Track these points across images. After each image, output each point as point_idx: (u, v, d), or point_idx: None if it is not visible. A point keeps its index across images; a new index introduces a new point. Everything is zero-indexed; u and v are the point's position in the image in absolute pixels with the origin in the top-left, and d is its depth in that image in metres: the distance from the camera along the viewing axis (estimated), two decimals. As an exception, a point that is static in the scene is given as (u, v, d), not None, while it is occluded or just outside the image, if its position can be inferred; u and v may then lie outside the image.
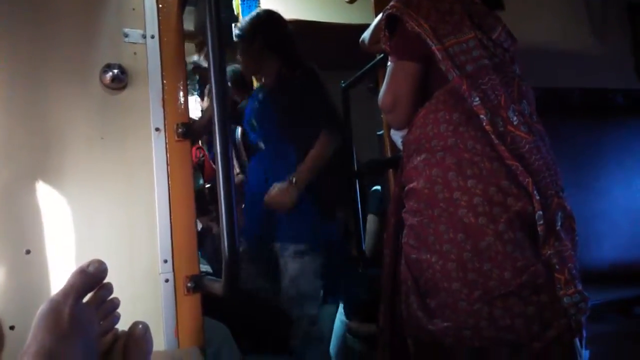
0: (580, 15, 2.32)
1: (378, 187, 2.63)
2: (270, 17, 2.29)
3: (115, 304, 0.72)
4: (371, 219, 2.56)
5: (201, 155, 3.93)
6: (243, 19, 2.29)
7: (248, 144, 2.71)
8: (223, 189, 1.04)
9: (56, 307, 0.60)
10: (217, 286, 1.15)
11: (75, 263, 1.25)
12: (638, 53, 2.42)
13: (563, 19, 2.33)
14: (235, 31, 2.28)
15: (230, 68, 2.81)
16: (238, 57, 2.33)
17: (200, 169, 3.95)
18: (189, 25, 4.59)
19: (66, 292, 0.61)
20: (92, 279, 0.64)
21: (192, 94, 6.04)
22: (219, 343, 1.70)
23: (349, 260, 2.42)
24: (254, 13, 2.31)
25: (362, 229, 2.40)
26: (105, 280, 0.73)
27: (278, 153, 2.20)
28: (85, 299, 0.66)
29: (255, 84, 2.95)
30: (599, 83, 2.29)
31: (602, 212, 2.02)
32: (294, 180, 2.02)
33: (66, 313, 0.60)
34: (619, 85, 2.30)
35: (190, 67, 4.26)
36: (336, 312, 2.61)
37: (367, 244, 2.45)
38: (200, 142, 4.24)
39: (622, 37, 2.41)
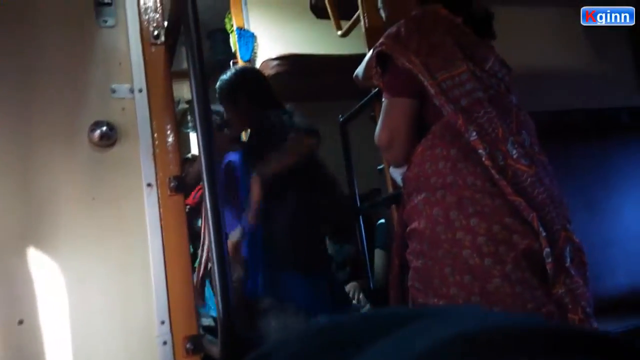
0: (578, 33, 2.28)
1: (384, 221, 2.58)
2: (247, 74, 2.36)
3: None
4: (379, 254, 2.51)
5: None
6: (221, 81, 2.32)
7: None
8: (216, 252, 1.01)
9: None
10: (215, 350, 1.10)
11: (69, 331, 1.21)
12: (640, 67, 2.38)
13: (561, 39, 2.30)
14: (218, 96, 2.34)
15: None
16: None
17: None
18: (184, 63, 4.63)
19: None
20: None
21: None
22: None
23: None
24: (230, 74, 2.35)
25: (370, 264, 2.34)
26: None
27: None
28: None
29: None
30: (603, 102, 2.24)
31: (615, 236, 1.95)
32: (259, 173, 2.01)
33: None
34: (623, 103, 2.25)
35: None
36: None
37: (376, 280, 2.39)
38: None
39: (622, 52, 2.36)
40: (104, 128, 1.34)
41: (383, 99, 1.51)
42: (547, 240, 1.21)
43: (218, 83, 2.32)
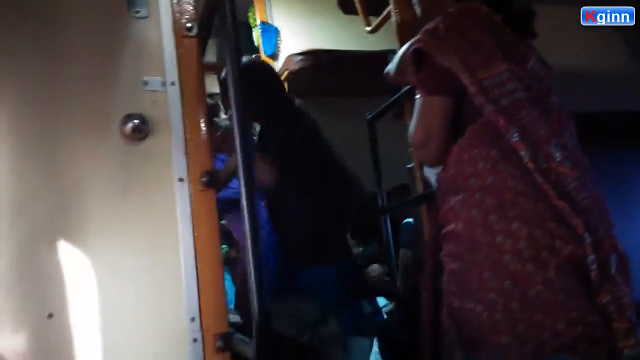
0: (612, 35, 2.22)
1: (410, 220, 2.54)
2: (257, 68, 2.33)
3: None
4: (403, 253, 2.47)
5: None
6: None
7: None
8: (251, 249, 0.98)
9: None
10: (248, 349, 1.08)
11: (99, 325, 1.20)
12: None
13: (595, 41, 2.24)
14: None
15: None
16: None
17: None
18: (210, 57, 4.61)
19: None
20: None
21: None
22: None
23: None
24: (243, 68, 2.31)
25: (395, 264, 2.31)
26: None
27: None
28: None
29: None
30: (636, 105, 2.18)
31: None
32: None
33: None
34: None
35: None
36: (370, 347, 2.50)
37: (401, 281, 2.36)
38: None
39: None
40: (137, 121, 1.32)
41: (417, 97, 1.47)
42: (592, 247, 1.17)
43: (222, 76, 2.28)
